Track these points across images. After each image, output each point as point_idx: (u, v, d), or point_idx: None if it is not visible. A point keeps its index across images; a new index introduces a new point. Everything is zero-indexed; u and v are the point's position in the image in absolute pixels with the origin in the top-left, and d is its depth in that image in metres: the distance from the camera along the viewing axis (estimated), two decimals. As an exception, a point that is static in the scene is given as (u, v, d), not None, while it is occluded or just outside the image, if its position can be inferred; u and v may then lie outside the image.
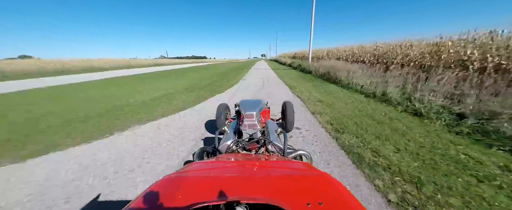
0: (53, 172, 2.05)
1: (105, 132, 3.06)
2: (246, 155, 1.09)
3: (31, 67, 17.79)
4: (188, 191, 0.55)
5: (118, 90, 7.14)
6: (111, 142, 2.74)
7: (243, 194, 0.52)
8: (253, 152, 1.24)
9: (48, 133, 3.10)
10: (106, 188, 1.78)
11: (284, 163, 0.89)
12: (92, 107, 4.70)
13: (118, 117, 3.81)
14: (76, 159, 2.30)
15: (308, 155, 1.07)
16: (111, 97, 5.77)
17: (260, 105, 2.04)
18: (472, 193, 1.59)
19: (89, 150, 2.52)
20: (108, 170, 2.06)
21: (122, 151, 2.47)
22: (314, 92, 5.84)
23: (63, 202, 1.61)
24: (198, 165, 0.82)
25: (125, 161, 2.23)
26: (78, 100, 5.56)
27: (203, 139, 2.80)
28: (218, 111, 2.42)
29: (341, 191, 0.56)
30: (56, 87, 8.49)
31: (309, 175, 0.69)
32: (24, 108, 4.73)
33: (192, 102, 4.94)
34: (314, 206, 0.47)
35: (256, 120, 1.74)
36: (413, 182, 1.75)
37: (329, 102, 4.58)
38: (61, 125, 3.44)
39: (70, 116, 3.98)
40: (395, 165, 2.00)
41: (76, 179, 1.92)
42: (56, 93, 6.97)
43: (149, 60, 46.49)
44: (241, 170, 0.79)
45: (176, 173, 0.69)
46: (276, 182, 0.61)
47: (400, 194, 1.62)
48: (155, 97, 5.57)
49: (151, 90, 6.90)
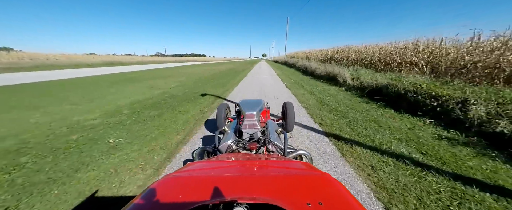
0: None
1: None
2: (246, 154, 1.09)
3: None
4: (188, 191, 0.55)
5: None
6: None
7: (243, 193, 0.52)
8: (253, 152, 1.24)
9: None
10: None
11: (284, 163, 0.89)
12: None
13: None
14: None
15: (308, 155, 1.07)
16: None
17: (260, 105, 2.04)
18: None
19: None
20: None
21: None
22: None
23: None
24: (199, 165, 0.82)
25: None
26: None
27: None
28: (219, 110, 2.42)
29: (341, 191, 0.56)
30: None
31: (309, 174, 0.69)
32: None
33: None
34: (314, 205, 0.47)
35: (256, 119, 1.74)
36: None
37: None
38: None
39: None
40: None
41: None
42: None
43: (136, 57, 44.73)
44: (241, 170, 0.79)
45: (176, 173, 0.69)
46: (276, 182, 0.61)
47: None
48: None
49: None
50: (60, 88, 7.27)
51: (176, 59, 51.56)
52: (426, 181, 1.75)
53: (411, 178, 1.80)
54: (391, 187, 1.68)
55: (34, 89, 6.98)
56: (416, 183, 1.73)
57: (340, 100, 4.75)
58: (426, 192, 1.62)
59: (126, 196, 1.68)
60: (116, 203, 1.61)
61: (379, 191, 1.66)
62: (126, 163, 2.15)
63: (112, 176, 1.93)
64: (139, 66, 24.29)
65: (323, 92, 5.80)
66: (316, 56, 18.15)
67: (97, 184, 1.81)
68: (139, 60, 32.53)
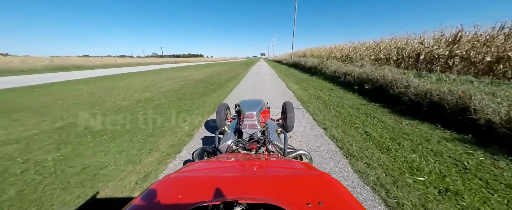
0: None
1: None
2: (246, 154, 1.09)
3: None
4: (188, 191, 0.55)
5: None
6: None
7: (243, 193, 0.52)
8: (253, 152, 1.24)
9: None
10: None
11: (284, 163, 0.89)
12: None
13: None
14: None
15: (308, 155, 1.07)
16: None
17: (260, 105, 2.04)
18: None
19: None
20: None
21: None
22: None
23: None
24: (199, 165, 0.82)
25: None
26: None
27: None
28: (218, 110, 2.42)
29: (341, 191, 0.56)
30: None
31: (309, 174, 0.69)
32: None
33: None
34: (314, 206, 0.47)
35: (256, 119, 1.74)
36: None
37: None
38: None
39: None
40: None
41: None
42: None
43: (113, 59, 41.34)
44: (241, 170, 0.79)
45: (177, 173, 0.69)
46: (276, 182, 0.61)
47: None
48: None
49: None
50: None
51: (162, 60, 48.89)
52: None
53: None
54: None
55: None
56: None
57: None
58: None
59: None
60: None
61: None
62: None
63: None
64: (100, 70, 17.50)
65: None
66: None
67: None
68: (99, 63, 25.66)
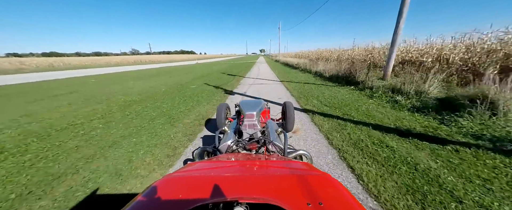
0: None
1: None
2: (246, 154, 1.09)
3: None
4: (188, 191, 0.55)
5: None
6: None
7: (243, 193, 0.52)
8: (253, 152, 1.24)
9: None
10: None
11: (284, 163, 0.89)
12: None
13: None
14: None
15: (308, 155, 1.07)
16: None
17: (260, 105, 2.04)
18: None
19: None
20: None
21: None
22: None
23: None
24: (199, 165, 0.82)
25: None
26: None
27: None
28: (219, 110, 2.42)
29: (341, 191, 0.56)
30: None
31: (309, 174, 0.69)
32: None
33: None
34: (314, 206, 0.47)
35: (256, 119, 1.74)
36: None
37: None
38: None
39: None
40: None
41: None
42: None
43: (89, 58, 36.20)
44: (241, 170, 0.79)
45: (177, 172, 0.69)
46: (276, 182, 0.61)
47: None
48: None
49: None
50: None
51: (135, 59, 39.50)
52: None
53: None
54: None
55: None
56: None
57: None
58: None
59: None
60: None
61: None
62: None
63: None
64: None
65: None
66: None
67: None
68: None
